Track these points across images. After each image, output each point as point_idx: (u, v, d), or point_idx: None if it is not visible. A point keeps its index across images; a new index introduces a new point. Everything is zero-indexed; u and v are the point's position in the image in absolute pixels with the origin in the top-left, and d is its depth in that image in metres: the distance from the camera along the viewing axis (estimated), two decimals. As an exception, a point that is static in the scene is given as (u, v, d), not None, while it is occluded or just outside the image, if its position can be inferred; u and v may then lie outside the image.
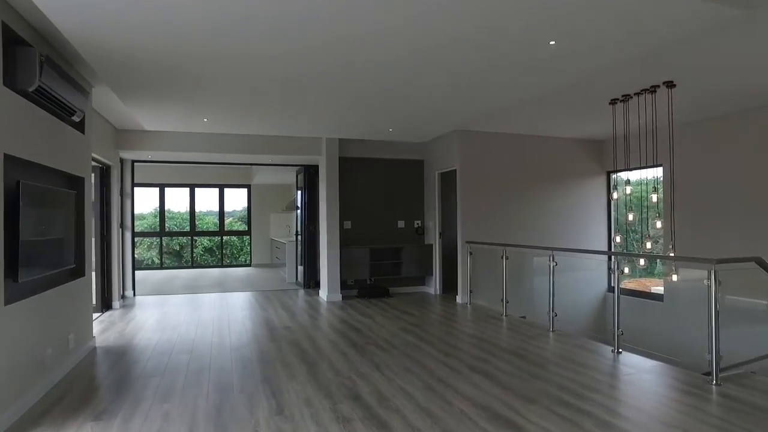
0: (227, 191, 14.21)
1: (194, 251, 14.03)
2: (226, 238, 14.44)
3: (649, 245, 5.32)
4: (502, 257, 6.40)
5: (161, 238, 13.68)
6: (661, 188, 6.21)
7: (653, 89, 4.94)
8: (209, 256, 14.33)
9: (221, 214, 14.30)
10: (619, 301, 4.62)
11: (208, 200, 14.29)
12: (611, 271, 5.24)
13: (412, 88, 5.06)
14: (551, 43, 3.59)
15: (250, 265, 14.16)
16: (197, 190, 13.85)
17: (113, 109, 6.02)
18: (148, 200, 13.62)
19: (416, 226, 8.79)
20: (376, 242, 8.47)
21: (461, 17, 3.29)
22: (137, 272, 8.82)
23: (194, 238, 14.00)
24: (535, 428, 3.00)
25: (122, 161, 7.77)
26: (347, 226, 8.37)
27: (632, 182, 6.17)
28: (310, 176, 9.06)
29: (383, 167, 8.61)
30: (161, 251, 13.74)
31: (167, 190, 13.60)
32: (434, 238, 8.44)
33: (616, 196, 5.75)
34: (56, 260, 4.02)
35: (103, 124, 6.46)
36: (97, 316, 6.47)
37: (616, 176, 5.98)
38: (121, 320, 6.37)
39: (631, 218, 5.34)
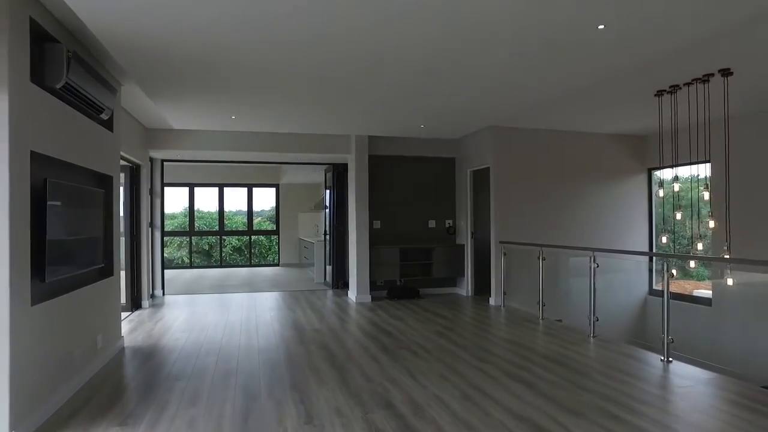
0: (255, 191, 14.24)
1: (223, 251, 14.10)
2: (254, 237, 14.47)
3: (700, 246, 4.96)
4: (538, 258, 6.12)
5: (190, 237, 13.79)
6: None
7: (706, 78, 4.59)
8: (237, 255, 14.38)
9: (249, 213, 14.33)
10: (669, 306, 4.31)
11: (236, 200, 14.37)
12: (660, 273, 4.91)
13: (448, 81, 4.83)
14: (600, 27, 3.33)
15: (278, 264, 14.15)
16: (226, 189, 13.92)
17: (143, 108, 5.99)
18: (178, 200, 13.76)
19: (447, 225, 8.56)
20: (406, 242, 8.27)
21: None
22: (167, 271, 8.85)
23: (223, 237, 14.07)
24: (584, 445, 2.77)
25: (152, 161, 7.78)
26: (376, 225, 8.20)
27: (666, 181, 5.79)
28: (338, 175, 8.93)
29: (413, 165, 8.40)
30: (190, 250, 13.86)
31: (197, 189, 13.71)
32: (466, 238, 8.19)
33: (662, 193, 5.39)
34: (84, 260, 3.96)
35: (132, 123, 6.45)
36: (126, 315, 6.46)
37: (661, 173, 5.62)
38: (149, 320, 6.34)
39: (679, 217, 5.00)
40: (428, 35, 3.65)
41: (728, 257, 4.92)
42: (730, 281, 4.94)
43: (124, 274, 6.44)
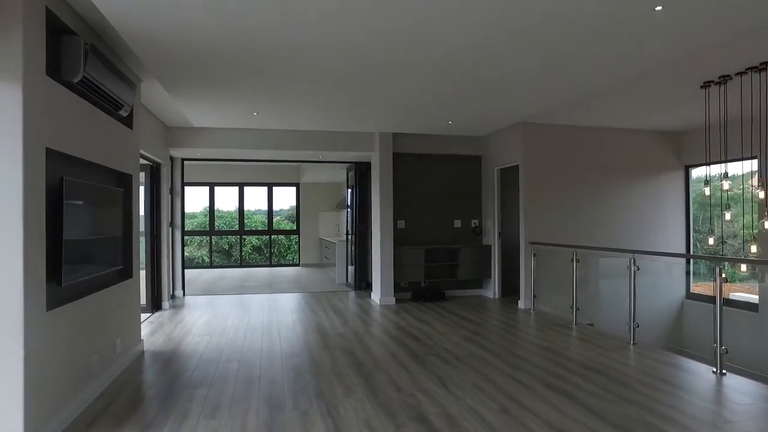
0: (276, 190, 14.12)
1: (243, 250, 14.02)
2: (274, 237, 14.36)
3: (754, 249, 4.61)
4: (572, 260, 5.82)
5: (210, 236, 13.74)
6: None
7: (763, 66, 4.25)
8: (257, 254, 14.29)
9: (270, 212, 14.23)
10: (722, 313, 4.00)
11: (256, 199, 14.28)
12: (707, 277, 4.58)
13: (487, 80, 4.60)
14: (658, 8, 3.03)
15: (298, 264, 14.01)
16: (246, 188, 13.83)
17: (163, 106, 5.85)
18: (198, 199, 13.72)
19: (473, 225, 8.28)
20: (430, 242, 8.02)
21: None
22: (187, 271, 8.74)
23: (243, 236, 13.99)
24: (642, 470, 2.50)
25: (172, 159, 7.67)
26: (400, 225, 7.96)
27: (714, 177, 5.44)
28: (361, 173, 8.72)
29: (438, 163, 8.14)
30: (210, 250, 13.80)
31: (217, 189, 13.65)
32: (493, 238, 7.91)
33: (708, 192, 5.05)
34: (103, 262, 3.82)
35: (153, 121, 6.33)
36: (146, 316, 6.35)
37: (708, 169, 5.27)
38: (170, 322, 6.21)
39: (728, 217, 4.66)
40: (464, 39, 3.41)
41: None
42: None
43: (144, 274, 6.33)
